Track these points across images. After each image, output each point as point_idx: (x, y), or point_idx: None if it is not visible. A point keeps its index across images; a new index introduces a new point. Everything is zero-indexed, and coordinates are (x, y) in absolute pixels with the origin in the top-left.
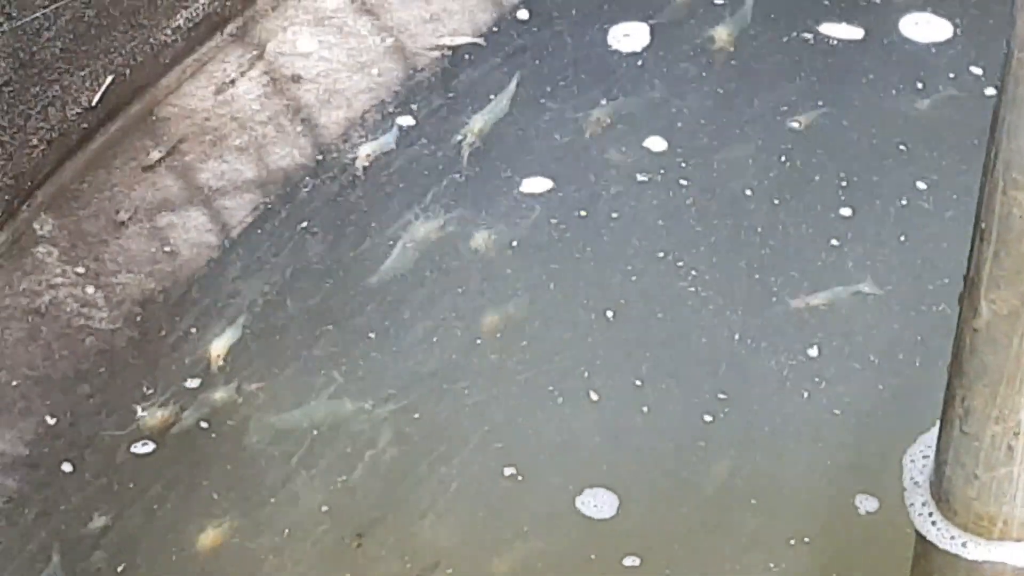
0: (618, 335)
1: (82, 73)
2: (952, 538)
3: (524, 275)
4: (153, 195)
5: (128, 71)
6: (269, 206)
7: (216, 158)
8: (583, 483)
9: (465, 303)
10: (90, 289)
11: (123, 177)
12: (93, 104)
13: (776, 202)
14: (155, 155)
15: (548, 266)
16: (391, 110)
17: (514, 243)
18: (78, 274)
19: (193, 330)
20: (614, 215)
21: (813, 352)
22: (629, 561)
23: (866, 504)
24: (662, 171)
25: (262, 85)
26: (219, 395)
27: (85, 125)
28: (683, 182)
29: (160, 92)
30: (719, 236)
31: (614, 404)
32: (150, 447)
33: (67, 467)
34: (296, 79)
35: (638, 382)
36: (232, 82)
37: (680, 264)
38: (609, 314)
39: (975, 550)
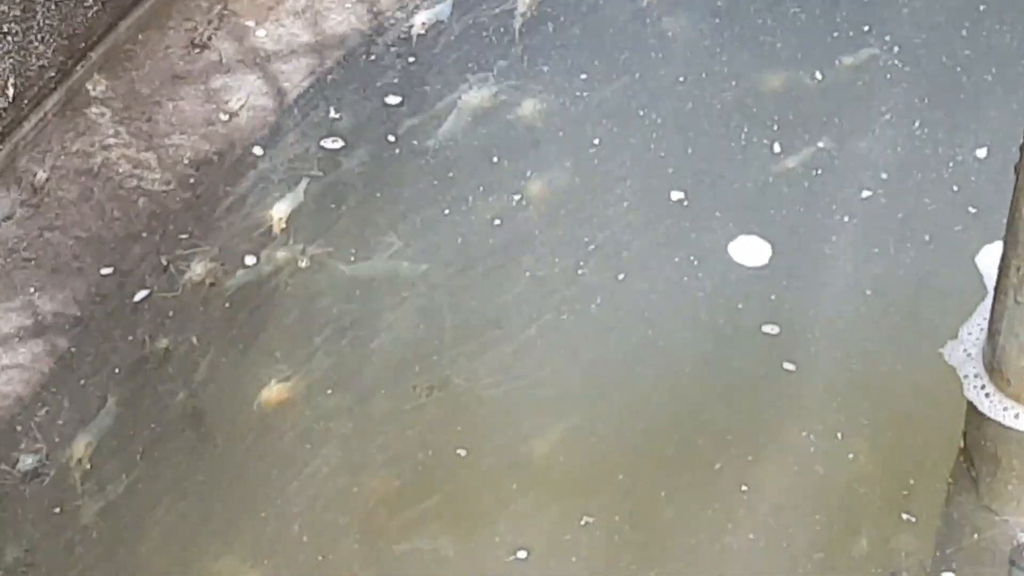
0: (816, 96)
1: None
2: (1005, 409)
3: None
4: (208, 57)
5: None
6: (325, 71)
7: (272, 21)
8: (742, 228)
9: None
10: (143, 150)
11: (177, 38)
12: None
13: (968, 53)
14: (210, 16)
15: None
16: None
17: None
18: (131, 135)
19: (250, 193)
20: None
21: (982, 152)
22: (768, 328)
23: None
24: None
25: None
26: (280, 255)
27: None
28: None
29: None
30: (919, 56)
31: (794, 160)
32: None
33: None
34: None
35: (821, 144)
36: None
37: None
38: (818, 75)
39: None
